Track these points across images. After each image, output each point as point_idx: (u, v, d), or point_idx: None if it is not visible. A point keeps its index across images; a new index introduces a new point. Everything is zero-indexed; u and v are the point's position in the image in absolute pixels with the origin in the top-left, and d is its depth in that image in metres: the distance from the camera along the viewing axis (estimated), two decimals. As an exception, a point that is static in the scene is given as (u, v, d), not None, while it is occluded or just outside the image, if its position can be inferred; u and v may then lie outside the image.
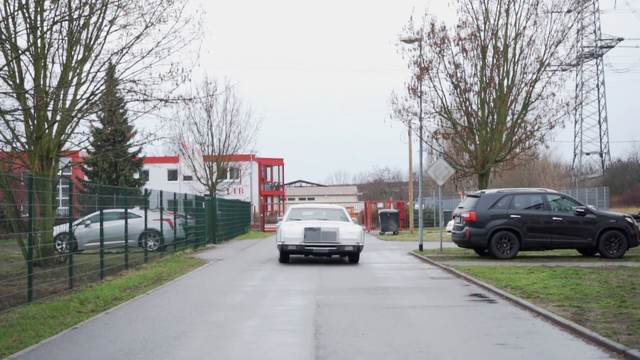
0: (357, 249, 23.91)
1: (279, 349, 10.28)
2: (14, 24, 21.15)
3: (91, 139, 31.44)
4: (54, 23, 21.55)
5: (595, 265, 21.86)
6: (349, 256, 24.52)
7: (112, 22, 22.88)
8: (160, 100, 23.17)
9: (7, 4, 21.00)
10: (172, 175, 77.51)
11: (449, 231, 32.81)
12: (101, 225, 20.35)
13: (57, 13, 21.53)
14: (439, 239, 30.76)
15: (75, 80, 22.64)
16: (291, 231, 23.92)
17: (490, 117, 31.06)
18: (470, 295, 16.11)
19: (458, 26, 30.94)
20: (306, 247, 23.66)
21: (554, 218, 24.67)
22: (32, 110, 21.66)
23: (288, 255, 24.69)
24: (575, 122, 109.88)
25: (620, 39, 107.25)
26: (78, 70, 22.65)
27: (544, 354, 9.81)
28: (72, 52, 22.40)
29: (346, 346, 10.37)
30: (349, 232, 23.88)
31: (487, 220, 24.65)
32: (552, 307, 13.59)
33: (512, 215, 24.61)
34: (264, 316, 13.33)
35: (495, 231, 24.56)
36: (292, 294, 16.45)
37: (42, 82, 21.75)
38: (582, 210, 24.86)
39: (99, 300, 15.37)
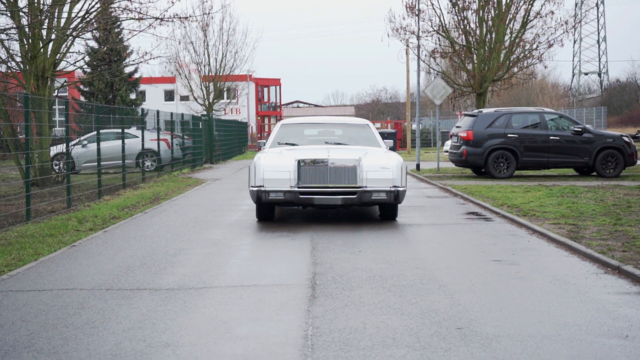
0: (395, 197, 14.03)
1: (277, 265, 10.35)
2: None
3: (87, 58, 31.26)
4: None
5: (591, 184, 21.94)
6: (381, 208, 15.03)
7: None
8: (156, 18, 22.95)
9: None
10: (169, 95, 77.07)
11: (446, 151, 32.87)
12: (98, 145, 20.34)
13: None
14: (436, 159, 30.83)
15: (69, -2, 22.37)
16: (274, 166, 14.06)
17: (489, 35, 30.85)
18: (467, 214, 16.19)
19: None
20: (302, 195, 13.89)
21: (551, 137, 24.64)
22: (27, 29, 21.44)
23: (272, 209, 14.96)
24: (574, 41, 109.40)
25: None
26: (72, -12, 22.36)
27: (539, 270, 9.89)
28: (66, -31, 22.06)
29: (343, 262, 10.45)
30: (378, 167, 14.08)
31: (484, 139, 24.64)
32: (548, 224, 13.67)
33: (509, 135, 24.59)
34: (261, 233, 13.41)
35: (492, 150, 24.57)
36: (289, 212, 16.52)
37: (36, 0, 21.47)
38: (580, 129, 24.82)
39: (97, 219, 15.46)
